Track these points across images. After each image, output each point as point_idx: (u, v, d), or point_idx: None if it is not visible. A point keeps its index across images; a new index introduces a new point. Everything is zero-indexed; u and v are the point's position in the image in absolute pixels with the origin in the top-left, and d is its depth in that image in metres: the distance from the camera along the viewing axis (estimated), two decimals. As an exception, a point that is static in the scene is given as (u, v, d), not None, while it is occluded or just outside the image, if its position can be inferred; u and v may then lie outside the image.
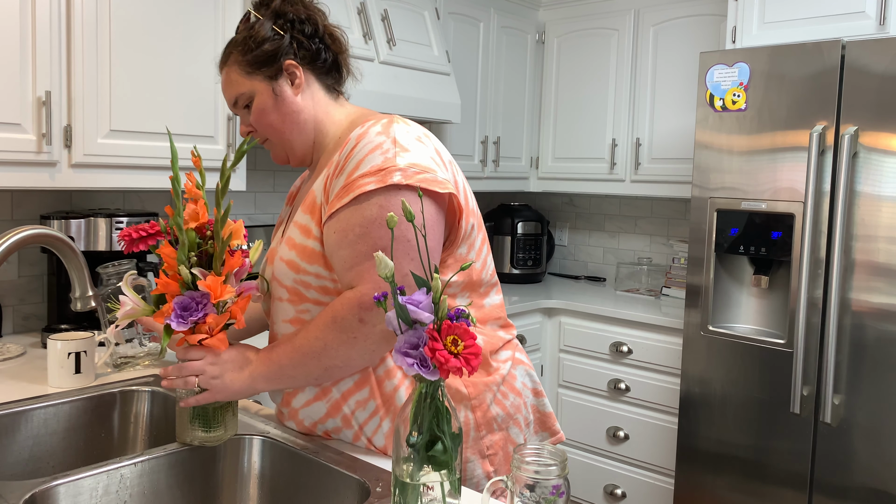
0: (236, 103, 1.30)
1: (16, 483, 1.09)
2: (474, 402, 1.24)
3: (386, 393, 1.21)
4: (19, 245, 1.29)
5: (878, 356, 2.15)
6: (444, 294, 1.21)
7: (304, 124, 1.30)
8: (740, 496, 2.43)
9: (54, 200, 2.23)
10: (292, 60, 1.27)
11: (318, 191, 1.22)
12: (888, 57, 2.11)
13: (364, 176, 1.13)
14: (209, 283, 1.11)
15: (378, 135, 1.17)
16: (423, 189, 1.14)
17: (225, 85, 1.31)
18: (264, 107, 1.27)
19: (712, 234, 2.48)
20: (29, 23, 1.80)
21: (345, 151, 1.19)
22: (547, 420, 1.38)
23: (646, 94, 3.17)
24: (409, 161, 1.15)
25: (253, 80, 1.27)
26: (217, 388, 1.18)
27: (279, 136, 1.30)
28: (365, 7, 2.62)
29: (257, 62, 1.26)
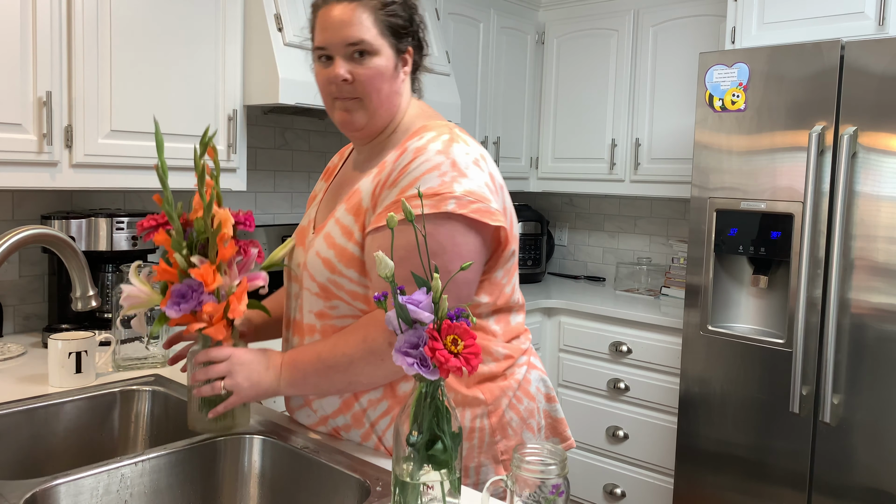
0: (354, 44, 1.20)
1: (16, 483, 1.09)
2: (490, 408, 1.24)
3: (399, 394, 1.21)
4: (20, 245, 1.29)
5: (878, 356, 2.15)
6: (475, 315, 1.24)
7: (395, 108, 1.27)
8: (739, 495, 2.44)
9: (55, 200, 2.23)
10: (412, 48, 1.27)
11: (365, 192, 1.21)
12: (887, 57, 2.12)
13: (417, 197, 1.13)
14: (201, 271, 1.11)
15: (438, 153, 1.16)
16: (475, 220, 1.14)
17: (349, 21, 1.20)
18: (384, 71, 1.22)
19: (712, 234, 2.49)
20: (30, 23, 1.80)
21: (401, 162, 1.17)
22: (558, 426, 1.38)
23: (645, 95, 3.17)
24: (465, 189, 1.14)
25: (384, 40, 1.22)
26: (243, 390, 1.17)
27: (374, 104, 1.24)
28: (365, 7, 2.62)
29: (393, 28, 1.23)
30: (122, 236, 2.08)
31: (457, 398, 1.21)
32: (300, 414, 1.32)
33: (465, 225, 1.14)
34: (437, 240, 1.12)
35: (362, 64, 1.21)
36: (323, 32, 1.23)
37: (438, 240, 1.12)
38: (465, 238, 1.14)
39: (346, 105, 1.24)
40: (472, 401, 1.22)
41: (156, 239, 1.16)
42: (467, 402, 1.22)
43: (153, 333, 1.14)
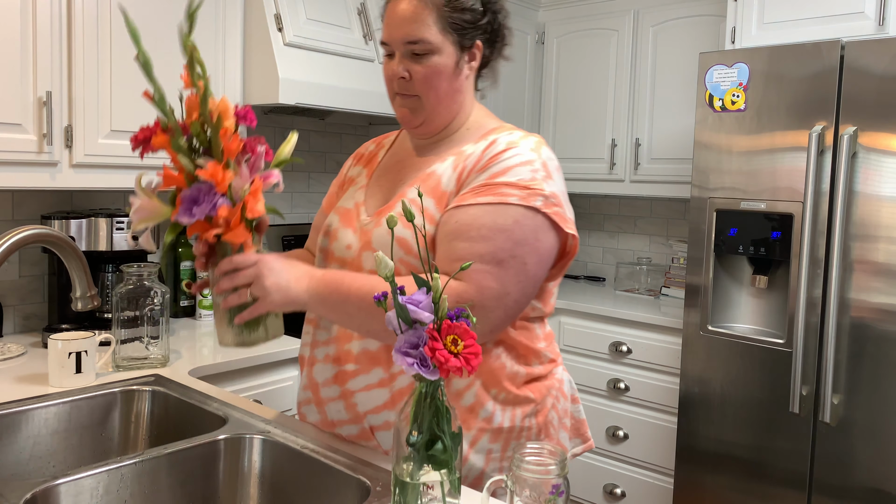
0: (413, 43, 1.20)
1: (16, 483, 1.09)
2: (538, 406, 1.26)
3: (451, 391, 1.20)
4: (20, 245, 1.29)
5: (878, 356, 2.15)
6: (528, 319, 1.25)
7: (457, 105, 1.27)
8: (739, 495, 2.44)
9: (55, 200, 2.23)
10: (481, 42, 1.25)
11: (446, 176, 1.21)
12: (887, 57, 2.12)
13: (510, 185, 1.14)
14: (209, 170, 1.03)
15: (531, 151, 1.18)
16: (555, 223, 1.16)
17: (410, 18, 1.20)
18: (443, 70, 1.21)
19: (711, 234, 2.49)
20: (30, 23, 1.80)
21: (492, 150, 1.19)
22: (580, 427, 1.39)
23: (645, 95, 3.17)
24: (552, 190, 1.17)
25: (445, 37, 1.21)
26: (270, 294, 1.09)
27: (432, 102, 1.23)
28: (365, 7, 2.62)
29: (457, 24, 1.21)
30: (122, 236, 2.08)
31: (508, 397, 1.22)
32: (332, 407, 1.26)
33: (548, 224, 1.16)
34: (521, 231, 1.13)
35: (421, 62, 1.21)
36: (387, 28, 1.24)
37: (523, 232, 1.13)
38: (547, 236, 1.16)
39: (404, 102, 1.25)
40: (522, 400, 1.24)
41: (154, 143, 1.06)
42: (518, 401, 1.24)
43: (166, 244, 1.06)
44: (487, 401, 1.21)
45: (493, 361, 1.21)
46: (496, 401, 1.22)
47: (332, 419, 1.28)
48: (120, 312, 1.79)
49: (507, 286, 1.12)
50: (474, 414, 1.21)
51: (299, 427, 1.33)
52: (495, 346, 1.22)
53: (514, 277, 1.13)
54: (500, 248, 1.12)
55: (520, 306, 1.17)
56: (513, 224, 1.13)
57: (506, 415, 1.23)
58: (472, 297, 1.10)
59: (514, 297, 1.14)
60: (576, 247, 1.22)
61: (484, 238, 1.12)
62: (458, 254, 1.13)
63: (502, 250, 1.12)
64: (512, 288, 1.13)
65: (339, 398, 1.26)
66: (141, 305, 1.80)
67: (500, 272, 1.12)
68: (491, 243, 1.12)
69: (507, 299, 1.13)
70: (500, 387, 1.22)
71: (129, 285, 1.80)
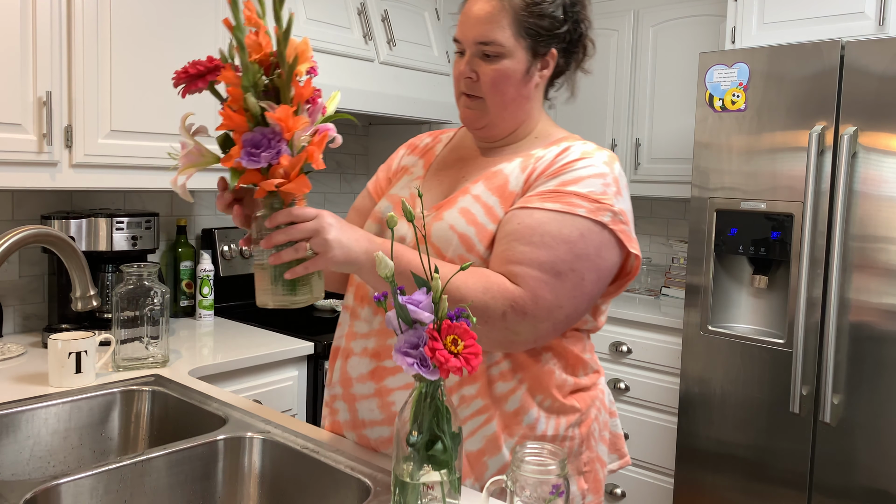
0: (484, 44, 1.17)
1: (16, 483, 1.09)
2: (583, 417, 1.23)
3: (495, 394, 1.17)
4: (20, 245, 1.29)
5: (878, 356, 2.15)
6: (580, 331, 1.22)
7: (523, 113, 1.24)
8: (739, 496, 2.44)
9: (55, 200, 2.23)
10: (556, 51, 1.22)
11: (513, 177, 1.18)
12: (887, 57, 2.12)
13: (580, 196, 1.12)
14: (279, 114, 0.96)
15: (604, 164, 1.16)
16: (619, 241, 1.14)
17: (485, 18, 1.17)
18: (511, 74, 1.18)
19: (712, 234, 2.49)
20: (30, 23, 1.80)
21: (565, 157, 1.16)
22: (617, 441, 1.35)
23: (645, 95, 3.17)
24: (621, 207, 1.14)
25: (518, 42, 1.17)
26: (332, 249, 1.01)
27: (497, 106, 1.21)
28: (365, 7, 2.62)
29: (533, 30, 1.18)
30: (122, 236, 2.08)
31: (554, 405, 1.19)
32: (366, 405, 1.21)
33: (614, 241, 1.13)
34: (584, 245, 1.10)
35: (490, 64, 1.18)
36: (461, 25, 1.21)
37: (587, 246, 1.11)
38: (610, 254, 1.13)
39: (468, 103, 1.22)
40: (568, 409, 1.20)
41: (223, 77, 0.97)
42: (564, 410, 1.20)
43: (232, 184, 0.98)
44: (532, 407, 1.18)
45: (541, 367, 1.18)
46: (541, 408, 1.18)
47: (363, 418, 1.22)
48: (120, 312, 1.79)
49: (560, 299, 1.09)
50: (518, 420, 1.17)
51: (299, 427, 1.33)
52: (545, 352, 1.19)
53: (570, 291, 1.10)
54: (561, 258, 1.09)
55: (570, 321, 1.14)
56: (578, 237, 1.10)
57: (550, 423, 1.19)
58: (527, 304, 1.07)
59: (567, 311, 1.11)
60: (637, 267, 1.19)
61: (546, 245, 1.09)
62: (517, 257, 1.10)
63: (563, 261, 1.09)
64: (566, 302, 1.10)
65: (373, 395, 1.20)
66: (141, 305, 1.80)
67: (556, 284, 1.09)
68: (552, 252, 1.09)
69: (558, 312, 1.10)
70: (548, 393, 1.19)
71: (129, 285, 1.80)
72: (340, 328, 1.29)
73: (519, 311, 1.07)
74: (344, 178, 3.22)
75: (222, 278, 2.57)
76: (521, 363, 1.17)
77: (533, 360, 1.17)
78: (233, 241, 2.61)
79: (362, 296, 1.24)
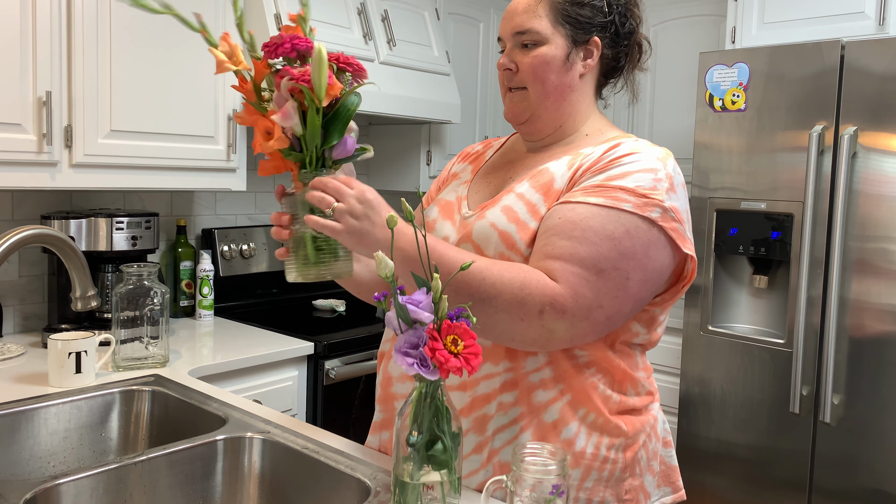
0: (521, 33, 1.17)
1: (16, 483, 1.09)
2: (629, 441, 1.15)
3: (535, 403, 1.11)
4: (20, 245, 1.29)
5: (878, 356, 2.15)
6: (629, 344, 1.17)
7: (567, 105, 1.20)
8: (739, 496, 2.44)
9: (55, 200, 2.23)
10: (599, 41, 1.19)
11: (559, 174, 1.13)
12: (887, 57, 2.11)
13: (626, 191, 1.05)
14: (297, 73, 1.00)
15: (657, 160, 1.10)
16: (671, 240, 1.07)
17: (522, 10, 1.17)
18: (550, 61, 1.16)
19: (712, 234, 2.49)
20: (29, 23, 1.80)
21: (613, 153, 1.11)
22: (672, 474, 1.27)
23: (645, 95, 3.17)
24: (672, 204, 1.07)
25: (557, 29, 1.16)
26: (350, 225, 0.99)
27: (539, 94, 1.18)
28: (365, 7, 2.62)
29: (572, 17, 1.16)
30: (122, 236, 2.08)
31: (597, 421, 1.12)
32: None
33: (664, 240, 1.06)
34: (630, 243, 1.04)
35: (528, 53, 1.17)
36: (502, 23, 1.21)
37: (633, 244, 1.04)
38: (660, 254, 1.06)
39: (512, 96, 1.20)
40: (613, 429, 1.13)
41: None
42: (608, 429, 1.13)
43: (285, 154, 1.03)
44: (573, 420, 1.11)
45: (584, 380, 1.12)
46: (584, 423, 1.11)
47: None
48: (120, 312, 1.79)
49: (601, 299, 1.03)
50: (556, 432, 1.11)
51: (299, 427, 1.33)
52: (588, 367, 1.12)
53: (611, 291, 1.03)
54: (605, 256, 1.03)
55: (611, 324, 1.07)
56: (623, 233, 1.03)
57: (591, 440, 1.12)
58: (567, 302, 1.01)
59: (607, 312, 1.04)
60: (693, 271, 1.11)
61: (588, 241, 1.03)
62: (556, 252, 1.04)
63: (606, 259, 1.03)
64: (607, 302, 1.03)
65: (397, 398, 1.18)
66: (141, 305, 1.80)
67: (598, 282, 1.03)
68: (594, 248, 1.03)
69: (598, 313, 1.03)
70: (592, 406, 1.12)
71: (129, 285, 1.80)
72: (386, 332, 1.29)
73: (558, 309, 1.01)
74: (344, 178, 3.22)
75: (222, 278, 2.57)
76: (563, 372, 1.11)
77: (576, 371, 1.11)
78: (232, 241, 2.61)
79: None
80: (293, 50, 1.04)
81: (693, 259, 1.11)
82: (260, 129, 1.04)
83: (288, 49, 1.04)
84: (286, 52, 1.04)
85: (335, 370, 2.17)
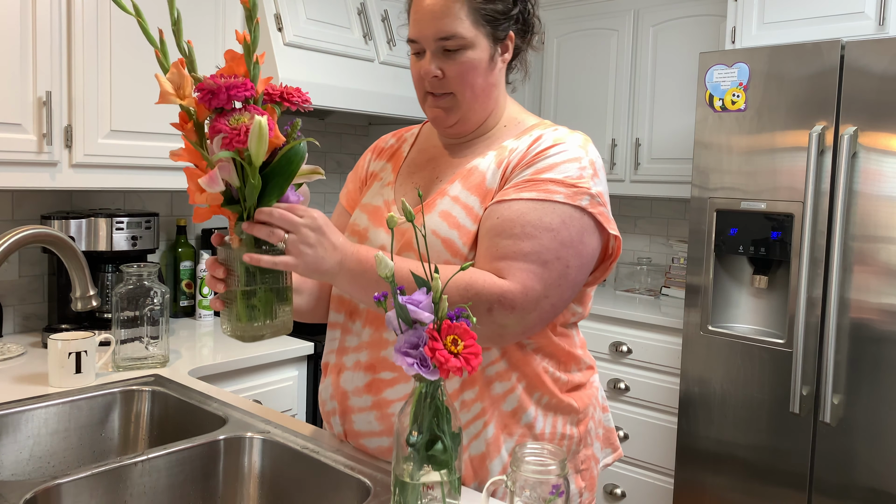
0: (445, 39, 1.13)
1: (16, 483, 1.09)
2: (580, 416, 1.22)
3: (494, 395, 1.15)
4: (19, 245, 1.29)
5: (878, 356, 2.15)
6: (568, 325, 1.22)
7: (492, 101, 1.21)
8: (739, 496, 2.44)
9: (55, 200, 2.23)
10: (513, 33, 1.19)
11: (489, 173, 1.15)
12: (887, 57, 2.11)
13: (556, 182, 1.10)
14: None
15: (578, 147, 1.14)
16: (600, 224, 1.12)
17: (440, 12, 1.13)
18: (477, 65, 1.15)
19: (712, 234, 2.49)
20: (29, 23, 1.80)
21: (538, 146, 1.14)
22: (611, 436, 1.35)
23: (645, 95, 3.17)
24: (598, 189, 1.12)
25: (478, 30, 1.14)
26: (305, 256, 0.98)
27: (468, 100, 1.17)
28: (365, 7, 2.62)
29: (490, 16, 1.15)
30: (122, 236, 2.08)
31: (551, 402, 1.19)
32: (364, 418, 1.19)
33: (593, 225, 1.12)
34: (567, 232, 1.09)
35: (454, 59, 1.14)
36: (414, 24, 1.18)
37: (569, 233, 1.09)
38: (591, 238, 1.12)
39: (437, 102, 1.19)
40: (565, 407, 1.20)
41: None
42: (560, 408, 1.20)
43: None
44: (530, 406, 1.17)
45: (535, 366, 1.17)
46: (538, 405, 1.18)
47: (359, 429, 1.20)
48: (120, 312, 1.79)
49: (548, 289, 1.07)
50: (516, 419, 1.17)
51: (299, 427, 1.33)
52: (535, 353, 1.17)
53: (556, 280, 1.08)
54: (546, 247, 1.07)
55: (555, 311, 1.12)
56: (559, 224, 1.08)
57: (548, 421, 1.19)
58: (516, 297, 1.05)
59: (553, 300, 1.09)
60: (618, 249, 1.17)
61: (528, 236, 1.07)
62: (501, 252, 1.08)
63: (548, 250, 1.07)
64: (552, 292, 1.08)
65: (371, 408, 1.18)
66: (141, 305, 1.80)
67: (543, 273, 1.07)
68: (536, 242, 1.07)
69: (544, 302, 1.08)
70: (545, 389, 1.18)
71: (129, 285, 1.80)
72: (329, 344, 1.27)
73: (507, 304, 1.05)
74: (344, 179, 3.22)
75: (222, 278, 2.56)
76: (516, 361, 1.16)
77: (527, 359, 1.16)
78: (233, 241, 2.61)
79: (351, 310, 1.21)
80: (229, 101, 0.93)
81: (618, 238, 1.16)
82: (193, 177, 0.95)
83: (224, 101, 0.93)
84: (221, 103, 0.93)
85: (335, 370, 2.17)
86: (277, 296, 1.01)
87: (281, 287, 1.01)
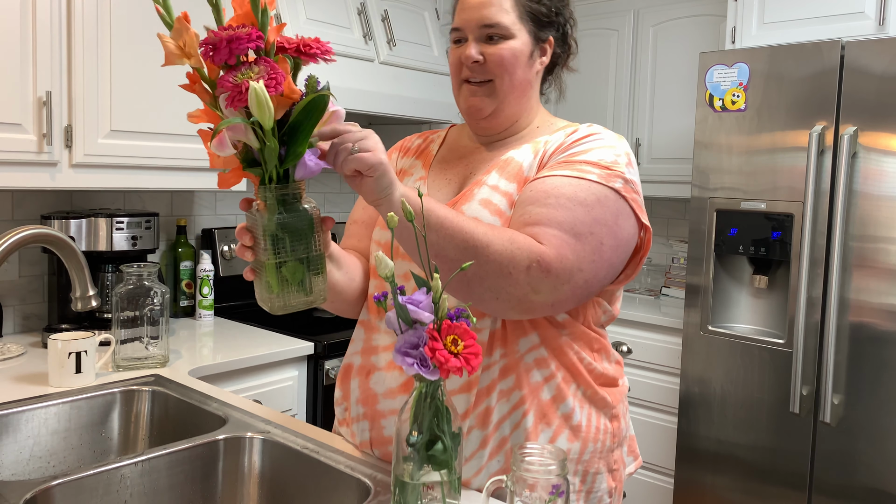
0: (489, 26, 1.16)
1: (16, 483, 1.09)
2: (614, 412, 1.20)
3: (533, 383, 1.13)
4: (20, 245, 1.29)
5: (878, 356, 2.15)
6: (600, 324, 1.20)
7: (527, 100, 1.22)
8: (739, 496, 2.44)
9: (55, 200, 2.23)
10: (553, 40, 1.22)
11: (525, 162, 1.16)
12: (887, 57, 2.11)
13: (590, 164, 1.10)
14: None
15: (615, 139, 1.16)
16: (633, 211, 1.11)
17: (487, 2, 1.17)
18: (518, 55, 1.17)
19: (712, 234, 2.49)
20: (29, 23, 1.80)
21: (573, 136, 1.15)
22: (632, 444, 1.32)
23: (645, 95, 3.17)
24: (631, 177, 1.12)
25: (522, 25, 1.18)
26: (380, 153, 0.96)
27: (507, 88, 1.18)
28: (365, 7, 2.62)
29: (534, 14, 1.19)
30: (122, 236, 2.08)
31: (587, 393, 1.17)
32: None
33: (629, 210, 1.10)
34: (601, 210, 1.07)
35: (497, 45, 1.16)
36: (461, 13, 1.20)
37: (604, 212, 1.07)
38: (627, 222, 1.10)
39: (474, 90, 1.19)
40: (600, 401, 1.18)
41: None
42: (596, 400, 1.18)
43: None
44: (568, 396, 1.15)
45: (573, 356, 1.16)
46: (576, 397, 1.16)
47: (390, 435, 1.15)
48: (120, 312, 1.79)
49: (581, 262, 1.05)
50: (555, 408, 1.14)
51: (299, 427, 1.33)
52: (574, 342, 1.16)
53: (588, 255, 1.05)
54: (580, 220, 1.05)
55: (588, 288, 1.09)
56: (594, 201, 1.07)
57: (584, 413, 1.16)
58: (552, 261, 1.02)
59: (586, 276, 1.06)
60: (649, 241, 1.15)
61: (563, 207, 1.05)
62: (535, 218, 1.06)
63: (581, 223, 1.05)
64: (586, 265, 1.05)
65: None
66: (141, 305, 1.80)
67: (576, 245, 1.05)
68: (570, 213, 1.05)
69: (578, 276, 1.05)
70: (582, 380, 1.16)
71: (129, 285, 1.80)
72: (354, 345, 1.25)
73: (544, 266, 1.02)
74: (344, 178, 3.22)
75: (222, 278, 2.56)
76: (555, 349, 1.14)
77: (566, 347, 1.15)
78: (233, 241, 2.61)
79: (380, 308, 1.21)
80: (232, 55, 0.85)
81: (648, 229, 1.15)
82: (208, 140, 0.89)
83: (226, 55, 0.85)
84: (224, 58, 0.85)
85: (335, 370, 2.17)
86: (309, 265, 0.95)
87: (311, 256, 0.95)
